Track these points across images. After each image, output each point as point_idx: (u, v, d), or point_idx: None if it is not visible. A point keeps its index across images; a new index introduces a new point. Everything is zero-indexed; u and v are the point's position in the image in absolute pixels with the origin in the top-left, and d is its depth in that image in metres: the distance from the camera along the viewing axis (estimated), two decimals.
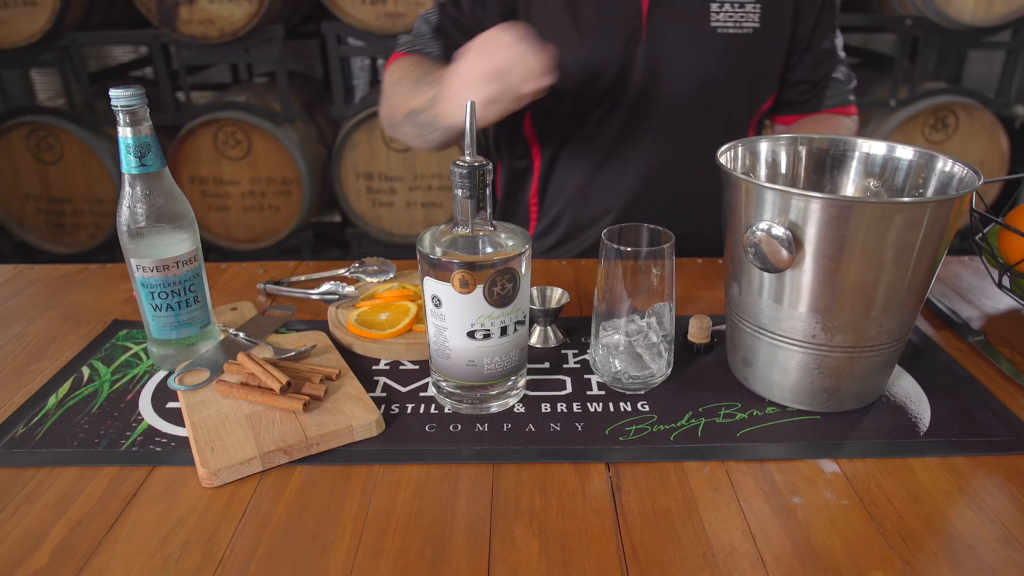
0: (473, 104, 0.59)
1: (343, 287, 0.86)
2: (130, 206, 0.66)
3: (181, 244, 0.69)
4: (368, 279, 0.90)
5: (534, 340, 0.77)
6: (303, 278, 0.93)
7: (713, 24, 0.98)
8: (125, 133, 0.64)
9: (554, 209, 1.13)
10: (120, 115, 0.63)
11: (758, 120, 1.11)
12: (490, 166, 0.60)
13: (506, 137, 1.13)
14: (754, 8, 0.98)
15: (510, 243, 0.61)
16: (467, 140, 0.59)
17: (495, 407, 0.66)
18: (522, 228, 0.64)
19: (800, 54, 1.06)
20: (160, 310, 0.70)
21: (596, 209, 1.10)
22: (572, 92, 1.01)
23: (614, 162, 1.06)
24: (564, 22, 0.97)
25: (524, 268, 0.61)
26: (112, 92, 0.63)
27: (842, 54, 1.10)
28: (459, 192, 0.60)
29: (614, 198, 1.08)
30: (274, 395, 0.64)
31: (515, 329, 0.63)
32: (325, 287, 0.87)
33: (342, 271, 0.93)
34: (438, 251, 0.60)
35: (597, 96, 1.01)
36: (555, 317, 0.77)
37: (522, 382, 0.68)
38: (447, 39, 1.00)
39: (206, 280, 0.73)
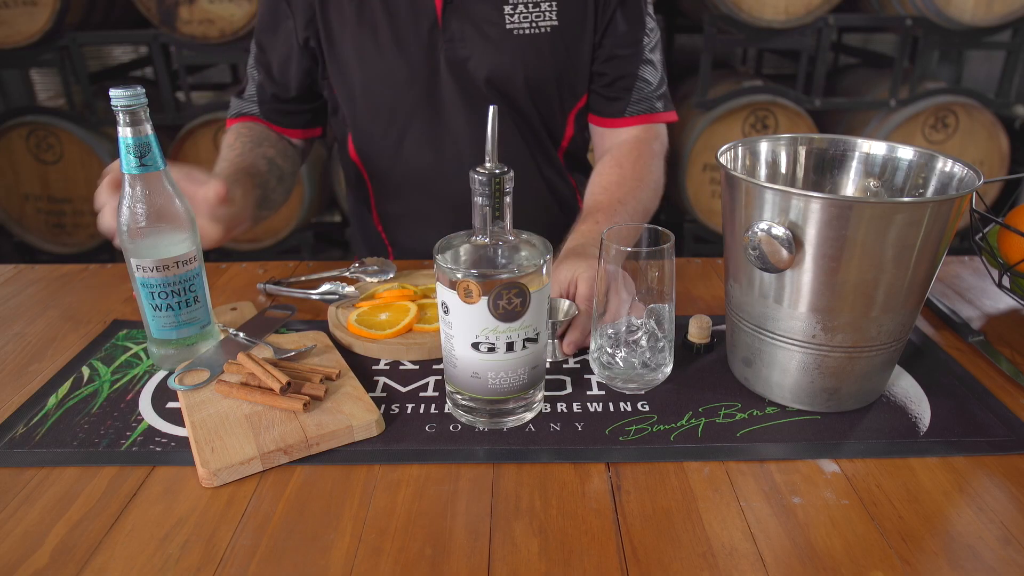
0: (496, 109, 0.58)
1: (343, 287, 0.86)
2: (130, 206, 0.66)
3: (181, 244, 0.69)
4: (368, 279, 0.90)
5: None
6: (303, 278, 0.93)
7: (508, 26, 0.98)
8: (125, 133, 0.63)
9: (398, 232, 1.14)
10: (120, 115, 0.63)
11: (576, 118, 1.09)
12: (510, 174, 0.58)
13: (342, 166, 1.16)
14: (550, 7, 0.98)
15: (527, 257, 0.59)
16: (488, 147, 0.58)
17: (511, 422, 0.64)
18: (545, 242, 0.62)
19: (600, 48, 1.03)
20: (160, 310, 0.70)
21: (433, 224, 1.07)
22: (385, 108, 1.02)
23: (438, 174, 1.06)
24: (363, 42, 0.98)
25: (537, 284, 0.59)
26: (112, 92, 0.63)
27: (653, 55, 1.05)
28: (478, 200, 0.58)
29: (444, 211, 1.08)
30: (274, 395, 0.64)
31: (524, 346, 0.61)
32: (325, 287, 0.87)
33: (342, 271, 0.93)
34: (447, 258, 0.60)
35: (409, 109, 1.02)
36: (563, 330, 0.76)
37: (539, 396, 0.66)
38: (266, 90, 1.05)
39: (206, 280, 0.73)
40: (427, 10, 0.96)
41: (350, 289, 0.86)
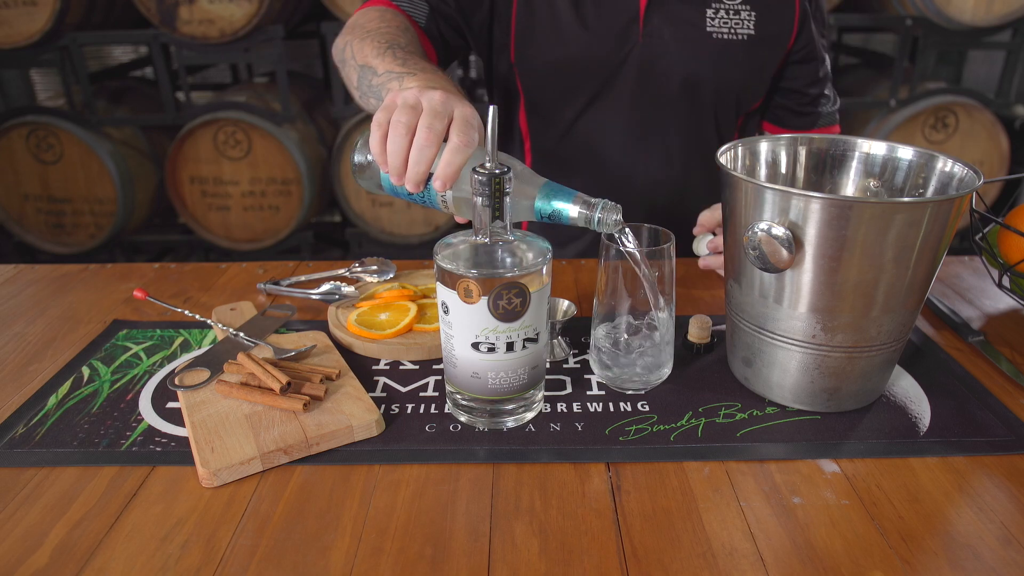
0: (496, 109, 0.58)
1: (343, 287, 0.86)
2: None
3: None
4: (368, 279, 0.90)
5: None
6: (303, 278, 0.93)
7: (708, 29, 0.99)
8: None
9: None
10: None
11: (743, 122, 1.11)
12: (510, 174, 0.58)
13: (501, 131, 1.13)
14: (749, 16, 0.99)
15: (527, 257, 0.59)
16: (489, 147, 0.58)
17: (511, 422, 0.64)
18: (545, 242, 0.62)
19: (797, 64, 1.06)
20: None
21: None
22: (568, 86, 1.02)
23: (602, 161, 1.06)
24: (568, 16, 0.98)
25: (537, 284, 0.59)
26: None
27: (828, 69, 1.11)
28: (478, 200, 0.58)
29: (602, 198, 1.08)
30: (274, 395, 0.64)
31: (524, 346, 0.61)
32: (325, 287, 0.87)
33: (342, 271, 0.93)
34: (447, 257, 0.59)
35: (591, 93, 1.02)
36: (562, 329, 0.77)
37: (539, 396, 0.66)
38: (436, 2, 0.96)
39: None
40: (630, 4, 0.97)
41: (350, 289, 0.86)
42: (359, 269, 0.92)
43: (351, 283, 0.91)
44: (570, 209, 0.62)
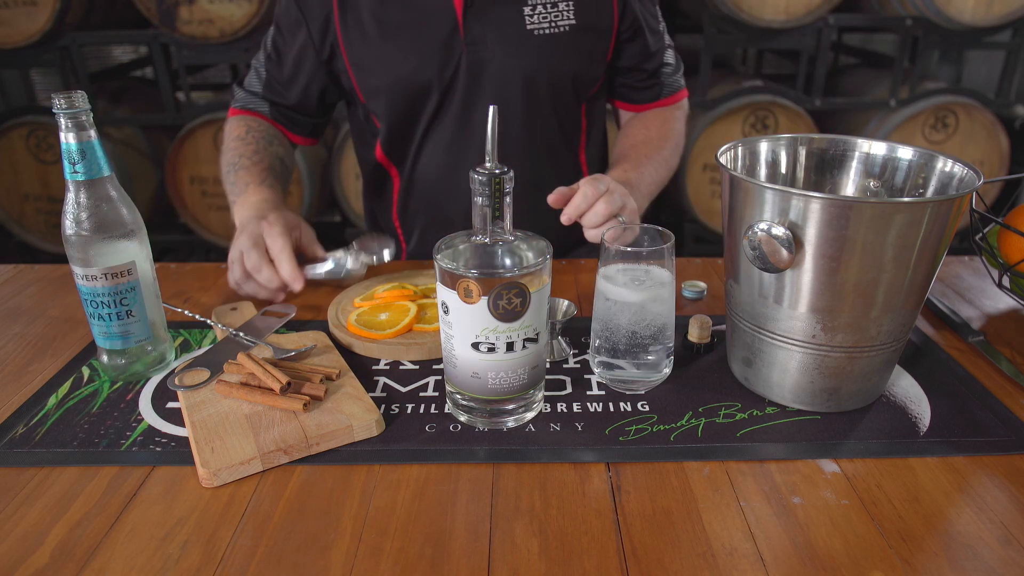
0: (496, 109, 0.58)
1: (346, 260, 0.88)
2: (72, 211, 0.66)
3: (115, 255, 0.67)
4: (367, 257, 0.90)
5: None
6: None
7: (529, 27, 0.99)
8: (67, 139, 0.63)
9: (416, 225, 1.15)
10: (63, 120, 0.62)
11: (587, 107, 1.11)
12: (510, 174, 0.58)
13: (364, 164, 1.17)
14: (567, 6, 1.00)
15: (527, 257, 0.59)
16: (488, 147, 0.58)
17: (511, 422, 0.64)
18: (546, 241, 0.62)
19: (627, 43, 1.07)
20: (93, 318, 0.69)
21: (451, 215, 1.11)
22: (409, 108, 1.03)
23: (458, 170, 1.07)
24: (382, 45, 0.99)
25: (537, 284, 0.60)
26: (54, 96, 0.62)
27: (667, 36, 1.12)
28: (478, 200, 0.58)
29: (463, 204, 1.09)
30: (274, 395, 0.64)
31: (524, 346, 0.61)
32: (327, 266, 0.88)
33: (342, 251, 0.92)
34: (447, 257, 0.59)
35: (432, 110, 1.03)
36: (562, 329, 0.77)
37: (539, 396, 0.66)
38: (272, 97, 1.09)
39: (150, 295, 0.71)
40: (447, 14, 0.97)
41: (352, 262, 0.88)
42: (357, 249, 0.91)
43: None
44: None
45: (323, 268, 0.88)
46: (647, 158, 1.03)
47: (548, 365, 0.74)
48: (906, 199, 0.62)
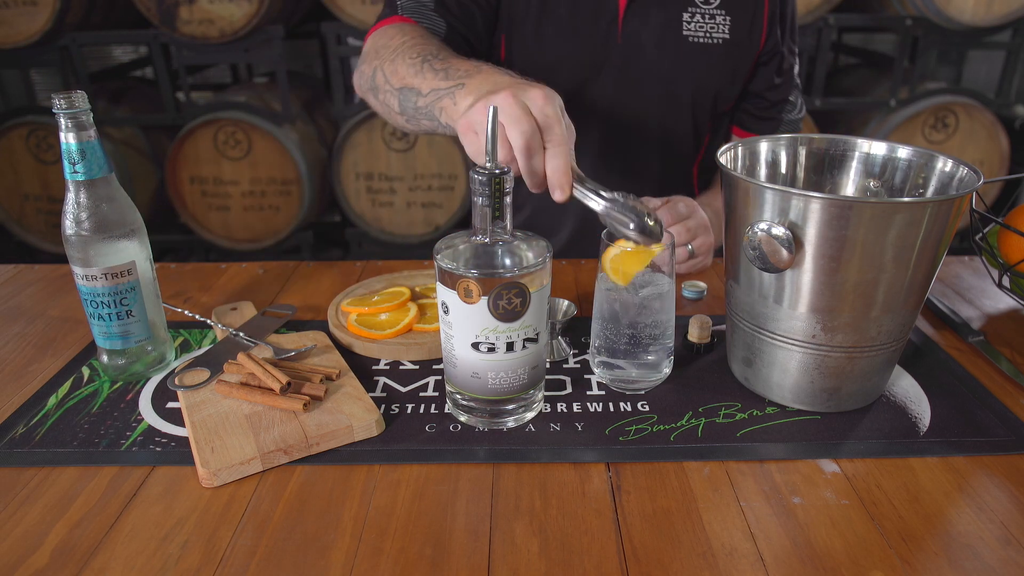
0: (496, 109, 0.58)
1: None
2: (72, 211, 0.66)
3: (115, 255, 0.67)
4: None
5: None
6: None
7: (685, 33, 0.99)
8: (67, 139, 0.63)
9: (521, 212, 1.15)
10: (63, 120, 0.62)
11: (714, 125, 1.11)
12: (510, 174, 0.58)
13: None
14: (724, 20, 1.00)
15: (527, 257, 0.59)
16: (488, 147, 0.58)
17: (511, 422, 0.64)
18: (546, 241, 0.62)
19: (764, 66, 1.07)
20: (93, 318, 0.69)
21: (559, 211, 1.11)
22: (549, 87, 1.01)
23: (581, 164, 1.05)
24: (550, 16, 0.98)
25: (537, 284, 0.59)
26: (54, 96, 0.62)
27: (797, 78, 1.12)
28: (478, 200, 0.58)
29: (572, 206, 1.08)
30: (274, 395, 0.64)
31: (524, 346, 0.61)
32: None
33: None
34: (447, 257, 0.59)
35: (570, 94, 1.01)
36: (562, 329, 0.77)
37: (539, 396, 0.66)
38: (450, 18, 0.94)
39: (150, 296, 0.71)
40: (610, 5, 0.97)
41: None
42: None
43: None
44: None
45: (599, 203, 0.63)
46: None
47: (548, 365, 0.74)
48: (906, 199, 0.62)
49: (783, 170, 0.74)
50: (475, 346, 0.60)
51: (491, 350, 0.60)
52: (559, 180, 0.62)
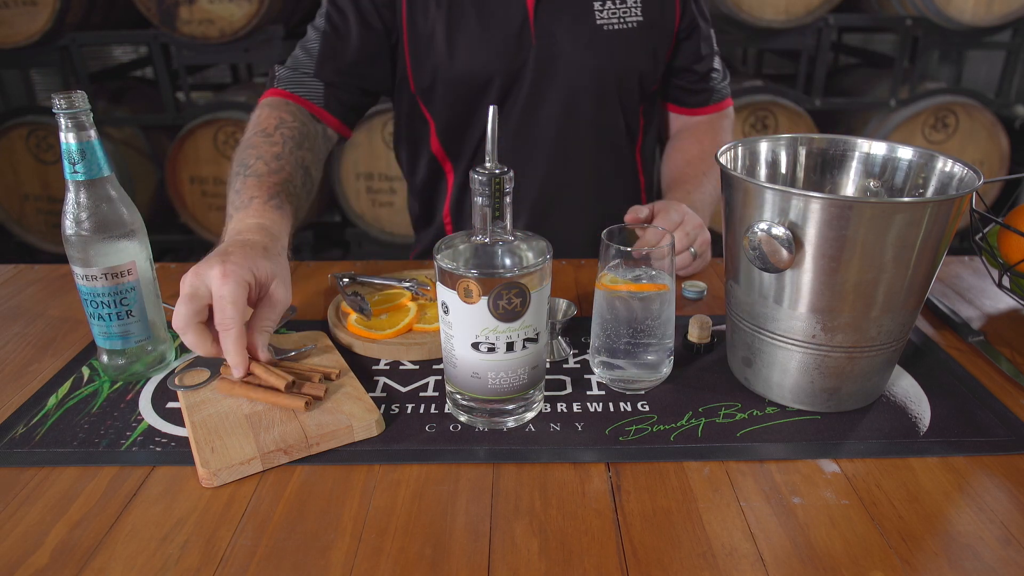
0: (495, 109, 0.58)
1: (424, 286, 0.83)
2: (72, 211, 0.66)
3: (115, 255, 0.67)
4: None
5: None
6: (376, 279, 0.89)
7: (599, 22, 0.99)
8: (68, 139, 0.63)
9: (469, 224, 1.14)
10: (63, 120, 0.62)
11: (644, 108, 1.12)
12: (510, 174, 0.58)
13: (413, 157, 1.14)
14: (635, 3, 1.00)
15: (527, 257, 0.59)
16: (488, 147, 0.58)
17: (511, 422, 0.64)
18: (546, 241, 0.62)
19: (683, 42, 1.08)
20: (93, 318, 0.69)
21: (562, 222, 1.11)
22: (471, 101, 1.02)
23: (523, 170, 1.06)
24: (449, 33, 0.98)
25: (537, 284, 0.59)
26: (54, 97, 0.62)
27: (715, 44, 1.13)
28: (478, 200, 0.58)
29: (524, 202, 1.10)
30: (275, 394, 0.64)
31: (524, 346, 0.61)
32: (407, 283, 0.84)
33: (424, 273, 0.90)
34: (447, 257, 0.59)
35: (495, 102, 1.02)
36: (562, 329, 0.77)
37: (539, 396, 0.66)
38: (330, 79, 0.98)
39: (150, 296, 0.71)
40: (518, 7, 0.97)
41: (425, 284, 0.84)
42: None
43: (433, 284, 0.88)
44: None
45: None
46: (704, 175, 1.03)
47: (548, 365, 0.74)
48: (906, 199, 0.62)
49: (783, 170, 0.74)
50: (475, 346, 0.60)
51: (491, 350, 0.60)
52: (232, 361, 0.65)
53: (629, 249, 0.65)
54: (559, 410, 0.67)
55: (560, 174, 1.08)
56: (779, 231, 0.58)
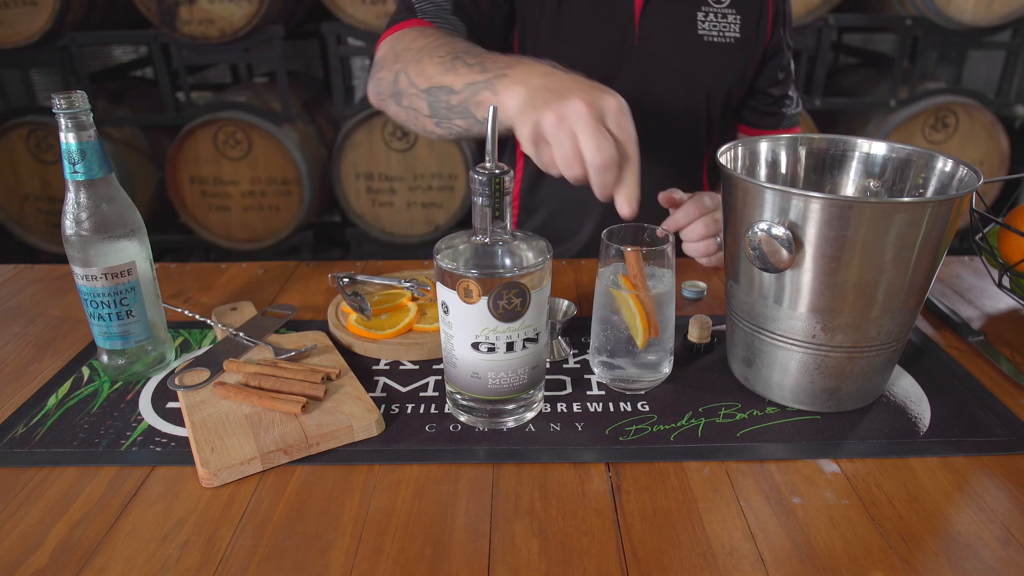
0: (495, 108, 0.58)
1: (424, 285, 0.82)
2: (72, 211, 0.66)
3: (115, 255, 0.67)
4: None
5: None
6: (376, 279, 0.88)
7: (700, 32, 1.00)
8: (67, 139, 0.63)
9: (536, 215, 1.14)
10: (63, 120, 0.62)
11: (724, 123, 1.12)
12: (510, 173, 0.58)
13: (503, 141, 1.13)
14: (735, 18, 1.01)
15: (527, 257, 0.59)
16: (488, 146, 0.58)
17: (511, 422, 0.64)
18: (546, 241, 0.62)
19: (767, 63, 1.08)
20: (93, 318, 0.69)
21: (578, 214, 1.11)
22: None
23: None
24: (557, 18, 0.98)
25: (537, 284, 0.59)
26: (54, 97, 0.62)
27: (792, 71, 1.14)
28: (478, 200, 0.58)
29: (595, 203, 1.09)
30: (272, 397, 0.64)
31: (524, 346, 0.61)
32: (407, 283, 0.83)
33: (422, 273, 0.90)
34: (447, 257, 0.59)
35: None
36: (562, 329, 0.77)
37: (539, 396, 0.66)
38: (469, 21, 0.91)
39: (150, 296, 0.71)
40: (626, 7, 0.97)
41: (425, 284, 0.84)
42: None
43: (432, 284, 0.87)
44: None
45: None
46: None
47: (548, 365, 0.74)
48: (906, 199, 0.62)
49: (783, 170, 0.74)
50: (475, 346, 0.60)
51: (491, 350, 0.60)
52: (629, 196, 0.63)
53: (629, 248, 0.65)
54: (559, 410, 0.67)
55: (642, 180, 1.07)
56: (779, 231, 0.58)
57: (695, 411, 0.67)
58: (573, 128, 0.61)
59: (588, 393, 0.69)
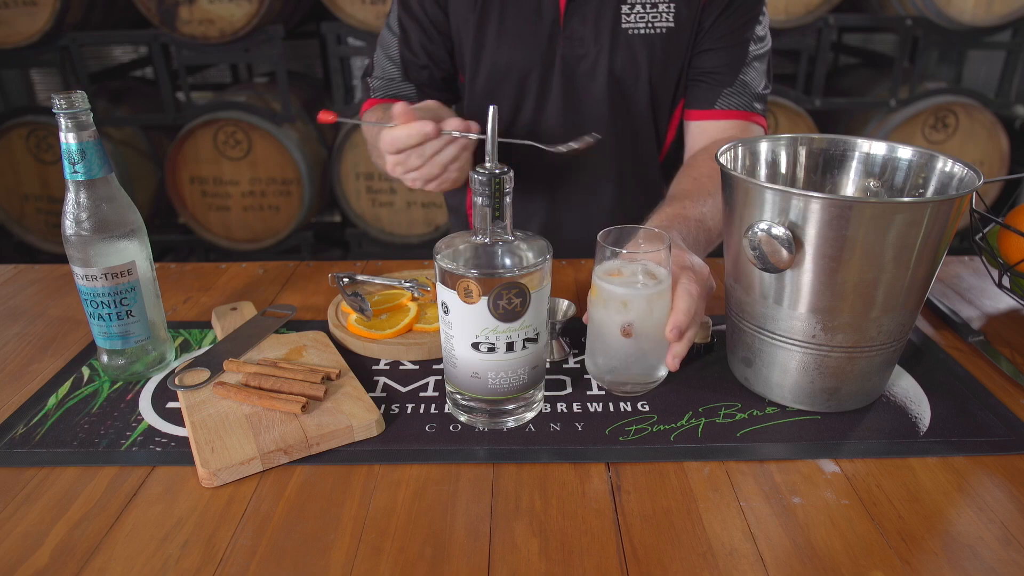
0: (495, 109, 0.59)
1: (424, 286, 0.83)
2: (72, 211, 0.66)
3: (115, 255, 0.67)
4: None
5: None
6: (376, 280, 0.88)
7: (624, 26, 0.98)
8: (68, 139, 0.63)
9: (533, 220, 1.14)
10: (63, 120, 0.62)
11: (672, 116, 1.09)
12: (510, 174, 0.58)
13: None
14: (667, 7, 0.98)
15: (527, 257, 0.59)
16: (488, 147, 0.59)
17: (511, 422, 0.64)
18: (545, 241, 0.62)
19: (703, 48, 1.01)
20: (93, 318, 0.69)
21: (526, 214, 1.11)
22: (498, 95, 1.03)
23: (537, 168, 1.06)
24: (481, 26, 0.99)
25: (537, 284, 0.60)
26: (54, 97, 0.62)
27: (759, 63, 1.02)
28: (478, 200, 0.58)
29: (540, 203, 1.10)
30: (271, 397, 0.64)
31: (524, 346, 0.61)
32: (407, 283, 0.83)
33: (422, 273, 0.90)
34: (447, 258, 0.59)
35: (520, 101, 1.03)
36: (562, 329, 0.77)
37: (539, 396, 0.66)
38: (418, 78, 1.04)
39: (150, 296, 0.71)
40: (549, 8, 0.97)
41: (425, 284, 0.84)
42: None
43: (432, 285, 0.87)
44: None
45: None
46: (710, 196, 0.90)
47: (548, 365, 0.74)
48: (906, 199, 0.62)
49: (783, 170, 0.74)
50: (475, 346, 0.60)
51: (491, 350, 0.60)
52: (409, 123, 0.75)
53: (623, 250, 0.65)
54: (559, 410, 0.67)
55: (585, 177, 1.08)
56: (779, 231, 0.58)
57: (695, 411, 0.67)
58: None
59: (588, 393, 0.69)
